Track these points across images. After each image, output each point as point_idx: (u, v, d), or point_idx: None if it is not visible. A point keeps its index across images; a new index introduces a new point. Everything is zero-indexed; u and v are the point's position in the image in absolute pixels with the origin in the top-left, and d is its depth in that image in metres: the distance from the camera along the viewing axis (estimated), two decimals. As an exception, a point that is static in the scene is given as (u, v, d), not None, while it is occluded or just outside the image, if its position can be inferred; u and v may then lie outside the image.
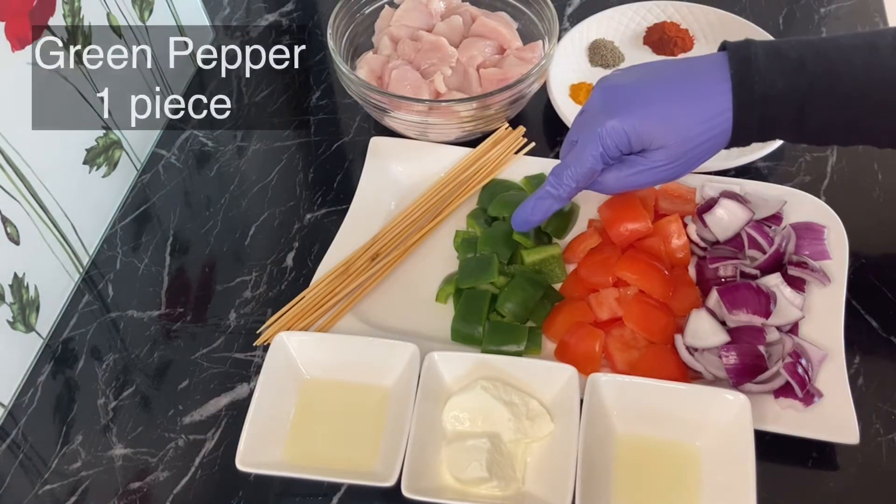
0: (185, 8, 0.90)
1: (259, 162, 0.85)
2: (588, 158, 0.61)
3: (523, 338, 0.66)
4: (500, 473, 0.58)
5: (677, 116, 0.59)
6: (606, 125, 0.60)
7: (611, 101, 0.61)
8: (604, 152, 0.61)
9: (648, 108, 0.60)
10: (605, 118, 0.60)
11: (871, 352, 0.66)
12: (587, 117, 0.63)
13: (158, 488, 0.62)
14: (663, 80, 0.61)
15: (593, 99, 0.63)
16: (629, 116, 0.59)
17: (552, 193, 0.65)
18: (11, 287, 0.66)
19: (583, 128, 0.63)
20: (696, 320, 0.64)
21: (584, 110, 0.64)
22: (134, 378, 0.69)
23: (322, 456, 0.61)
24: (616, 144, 0.60)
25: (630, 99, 0.60)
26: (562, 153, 0.66)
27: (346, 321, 0.69)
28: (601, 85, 0.63)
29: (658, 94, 0.60)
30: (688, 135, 0.59)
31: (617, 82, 0.62)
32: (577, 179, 0.63)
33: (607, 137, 0.60)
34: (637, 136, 0.60)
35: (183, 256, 0.77)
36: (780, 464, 0.60)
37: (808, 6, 0.96)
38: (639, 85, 0.61)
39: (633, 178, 0.62)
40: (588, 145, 0.61)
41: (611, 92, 0.62)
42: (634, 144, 0.60)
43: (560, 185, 0.64)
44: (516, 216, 0.68)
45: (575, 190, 0.64)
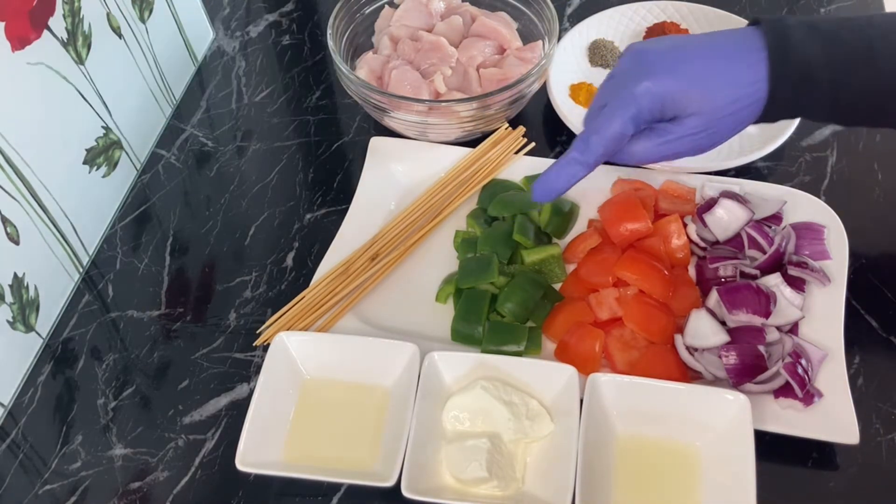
0: (185, 8, 0.90)
1: (259, 162, 0.85)
2: (618, 121, 0.59)
3: (523, 338, 0.66)
4: (500, 473, 0.58)
5: (713, 82, 0.58)
6: (640, 86, 0.58)
7: (644, 64, 0.59)
8: (636, 115, 0.59)
9: (684, 72, 0.58)
10: (638, 80, 0.58)
11: (871, 352, 0.66)
12: (617, 81, 0.61)
13: (158, 488, 0.62)
14: (698, 48, 0.59)
15: (623, 63, 0.61)
16: (664, 79, 0.58)
17: (578, 159, 0.61)
18: (11, 287, 0.66)
19: (613, 91, 0.61)
20: (696, 320, 0.64)
21: (612, 75, 0.62)
22: (134, 378, 0.69)
23: (322, 456, 0.61)
24: (649, 107, 0.58)
25: (665, 62, 0.59)
26: (587, 119, 0.64)
27: (346, 321, 0.69)
28: (632, 50, 0.62)
29: (694, 60, 0.59)
30: (722, 102, 0.58)
31: (650, 47, 0.61)
32: (606, 144, 0.60)
33: (641, 98, 0.58)
34: (671, 99, 0.58)
35: (183, 256, 0.77)
36: (780, 464, 0.60)
37: (808, 6, 0.96)
38: (673, 50, 0.60)
39: (662, 147, 0.60)
40: (619, 108, 0.59)
41: (643, 56, 0.60)
42: (667, 109, 0.59)
43: (587, 149, 0.61)
44: (538, 186, 0.64)
45: (602, 156, 0.61)
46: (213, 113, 0.90)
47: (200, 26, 0.95)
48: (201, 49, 0.95)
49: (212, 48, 0.96)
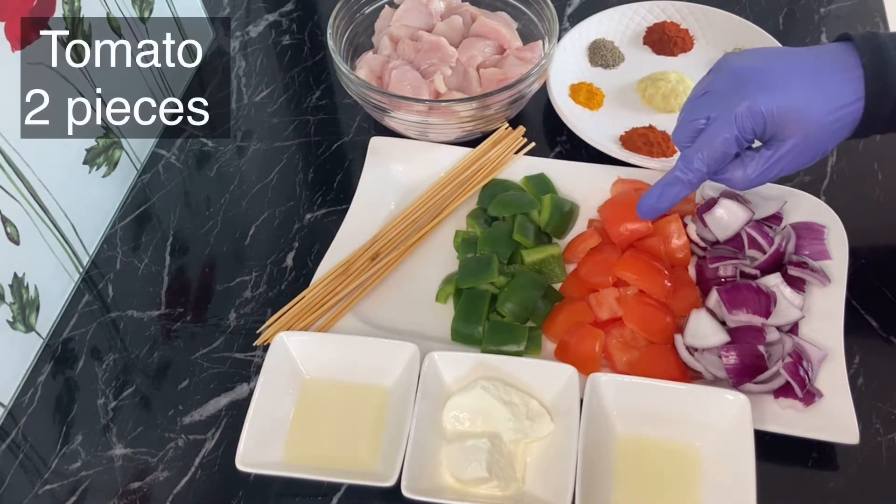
0: (185, 8, 0.90)
1: (259, 162, 0.85)
2: (721, 141, 0.59)
3: (523, 338, 0.66)
4: (500, 473, 0.58)
5: (813, 102, 0.58)
6: (743, 106, 0.58)
7: (744, 83, 0.59)
8: (739, 135, 0.59)
9: (785, 93, 0.58)
10: (740, 99, 0.58)
11: (871, 352, 0.66)
12: (714, 98, 0.61)
13: (158, 488, 0.62)
14: (796, 66, 0.59)
15: (720, 80, 0.61)
16: (767, 99, 0.58)
17: (681, 179, 0.62)
18: (11, 287, 0.66)
19: (711, 109, 0.60)
20: (696, 320, 0.64)
21: (707, 91, 0.62)
22: (134, 378, 0.69)
23: (322, 456, 0.61)
24: (752, 127, 0.58)
25: (765, 82, 0.58)
26: (678, 136, 0.64)
27: (346, 321, 0.69)
28: (728, 66, 0.61)
29: (793, 79, 0.58)
30: (822, 122, 0.58)
31: (746, 64, 0.60)
32: (709, 163, 0.61)
33: (744, 119, 0.58)
34: (773, 120, 0.58)
35: (183, 256, 0.77)
36: (780, 464, 0.60)
37: (808, 6, 0.96)
38: (772, 69, 0.59)
39: (764, 172, 0.61)
40: (722, 127, 0.59)
41: (741, 73, 0.60)
42: (768, 129, 0.59)
43: (690, 169, 0.61)
44: (642, 203, 0.65)
45: (705, 175, 0.62)
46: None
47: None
48: (201, 49, 0.95)
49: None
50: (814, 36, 0.92)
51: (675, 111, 0.83)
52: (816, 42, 0.91)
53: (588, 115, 0.84)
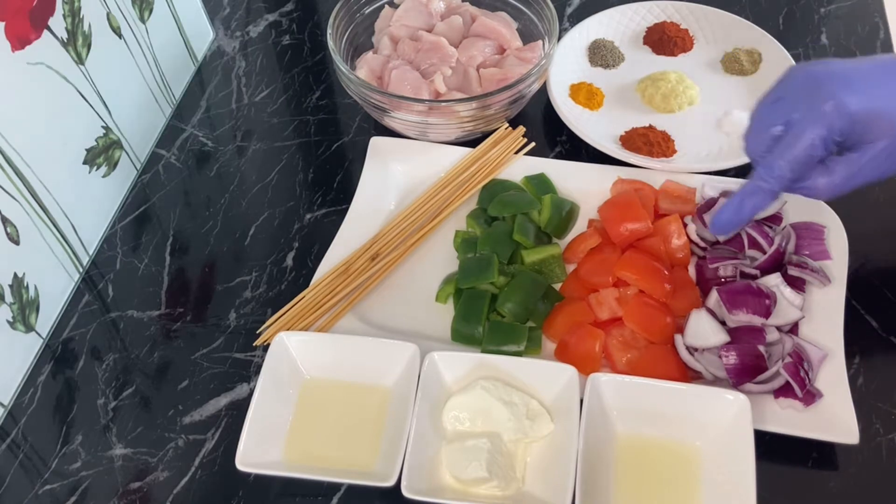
0: (185, 8, 0.90)
1: (259, 162, 0.85)
2: (806, 144, 0.56)
3: (523, 338, 0.66)
4: (500, 473, 0.58)
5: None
6: (829, 105, 0.55)
7: (825, 83, 0.56)
8: (826, 135, 0.55)
9: (873, 91, 0.55)
10: (825, 99, 0.55)
11: (871, 352, 0.66)
12: (792, 102, 0.58)
13: (158, 488, 0.62)
14: (879, 67, 0.57)
15: (794, 85, 0.58)
16: (854, 97, 0.55)
17: (763, 187, 0.58)
18: (11, 287, 0.66)
19: (790, 112, 0.57)
20: (696, 320, 0.64)
21: (781, 96, 0.59)
22: (134, 378, 0.69)
23: (322, 456, 0.61)
24: (840, 127, 0.55)
25: (849, 81, 0.55)
26: (752, 146, 0.61)
27: (346, 321, 0.69)
28: (802, 71, 0.58)
29: (880, 78, 0.56)
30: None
31: (822, 68, 0.58)
32: (793, 168, 0.57)
33: (832, 118, 0.55)
34: (861, 120, 0.55)
35: (183, 256, 0.77)
36: (780, 464, 0.60)
37: (808, 6, 0.96)
38: (853, 70, 0.57)
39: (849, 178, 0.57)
40: (806, 129, 0.56)
41: (819, 75, 0.57)
42: (855, 131, 0.56)
43: (772, 176, 0.58)
44: (718, 217, 0.61)
45: (789, 182, 0.58)
46: (213, 113, 0.90)
47: (200, 26, 0.95)
48: (201, 49, 0.95)
49: (212, 48, 0.96)
50: (814, 36, 0.92)
51: (674, 111, 0.83)
52: (816, 42, 0.91)
53: (588, 115, 0.84)
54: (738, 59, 0.86)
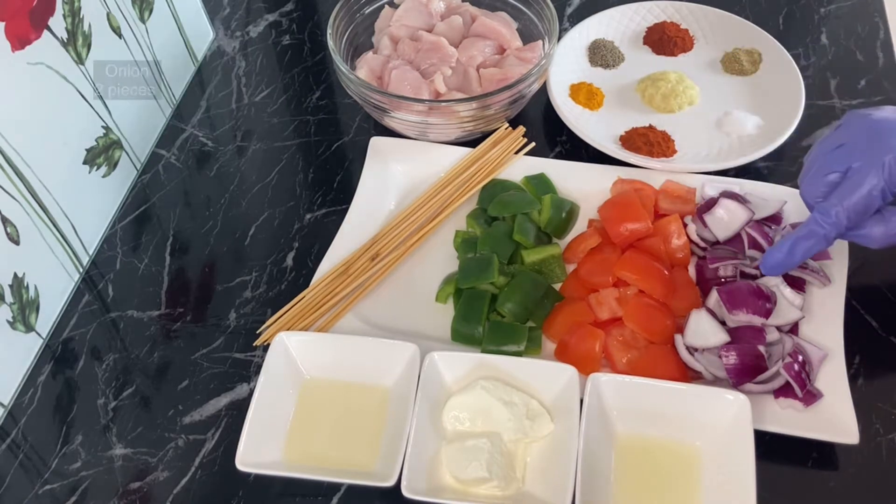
0: (185, 8, 0.90)
1: (259, 162, 0.85)
2: (864, 193, 0.57)
3: (523, 338, 0.66)
4: (500, 473, 0.58)
5: None
6: (892, 155, 0.55)
7: (889, 133, 0.57)
8: (885, 187, 0.56)
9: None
10: (888, 149, 0.56)
11: (871, 352, 0.66)
12: (852, 150, 0.58)
13: (158, 488, 0.62)
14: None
15: (856, 133, 0.59)
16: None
17: (818, 232, 0.59)
18: (11, 287, 0.66)
19: (850, 160, 0.58)
20: (696, 320, 0.64)
21: (842, 144, 0.59)
22: (134, 378, 0.69)
23: (322, 456, 0.61)
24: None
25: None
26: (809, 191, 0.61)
27: (346, 321, 0.69)
28: (864, 120, 0.59)
29: None
30: None
31: (884, 117, 0.58)
32: (850, 216, 0.58)
33: (893, 170, 0.56)
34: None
35: (183, 256, 0.77)
36: (780, 464, 0.60)
37: (808, 6, 0.96)
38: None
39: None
40: (866, 179, 0.56)
41: (883, 125, 0.58)
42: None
43: (828, 222, 0.58)
44: (769, 258, 0.62)
45: (844, 228, 0.59)
46: (213, 113, 0.90)
47: (200, 26, 0.95)
48: (201, 49, 0.95)
49: (212, 48, 0.96)
50: (813, 36, 0.92)
51: (674, 111, 0.83)
52: (816, 42, 0.91)
53: (588, 115, 0.84)
54: (738, 59, 0.86)
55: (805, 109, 0.79)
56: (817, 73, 0.88)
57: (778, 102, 0.81)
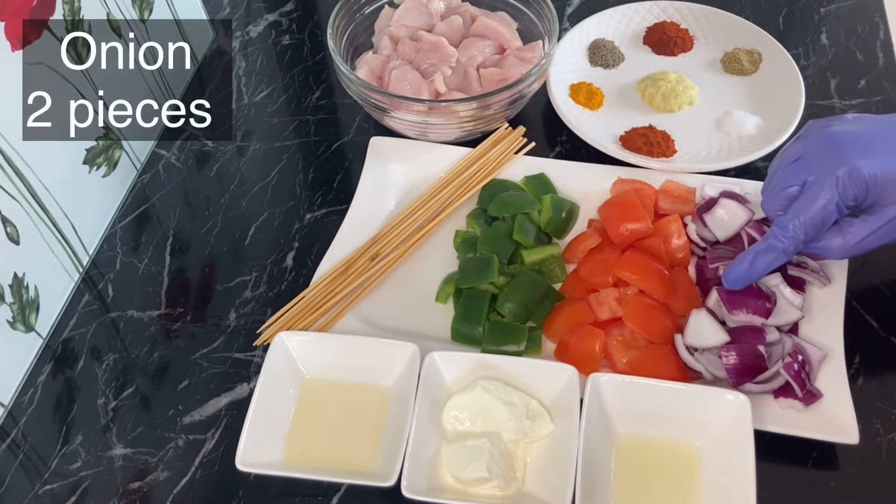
0: (185, 8, 0.90)
1: (259, 162, 0.85)
2: (820, 207, 0.56)
3: (523, 338, 0.66)
4: (500, 473, 0.58)
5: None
6: (843, 170, 0.55)
7: (842, 146, 0.56)
8: (839, 201, 0.56)
9: (886, 158, 0.55)
10: (840, 163, 0.55)
11: (871, 352, 0.66)
12: (809, 163, 0.58)
13: (158, 488, 0.62)
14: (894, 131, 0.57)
15: (813, 144, 0.58)
16: (870, 162, 0.55)
17: (776, 246, 0.59)
18: (11, 287, 0.66)
19: (807, 174, 0.58)
20: (696, 320, 0.64)
21: (801, 157, 0.59)
22: (134, 378, 0.69)
23: (322, 456, 0.61)
24: (854, 193, 0.56)
25: (866, 145, 0.56)
26: (769, 204, 0.61)
27: (346, 321, 0.69)
28: (821, 131, 0.59)
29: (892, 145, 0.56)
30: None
31: (842, 128, 0.58)
32: (807, 230, 0.58)
33: (846, 183, 0.55)
34: (876, 185, 0.55)
35: (183, 256, 0.77)
36: (780, 464, 0.60)
37: (808, 6, 0.96)
38: (869, 134, 0.57)
39: (865, 241, 0.58)
40: (821, 192, 0.56)
41: (838, 137, 0.57)
42: (870, 195, 0.56)
43: (786, 236, 0.59)
44: (731, 272, 0.62)
45: (802, 242, 0.59)
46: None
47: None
48: (201, 49, 0.95)
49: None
50: (813, 36, 0.92)
51: (674, 111, 0.83)
52: (816, 42, 0.91)
53: (588, 115, 0.84)
54: (738, 59, 0.86)
55: (805, 109, 0.79)
56: (817, 73, 0.88)
57: (778, 102, 0.81)
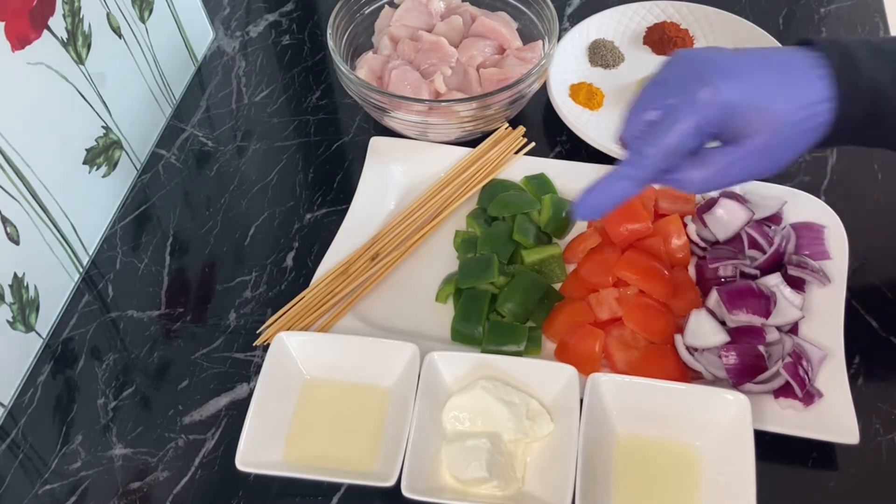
0: (185, 8, 0.90)
1: (259, 162, 0.85)
2: (678, 131, 0.52)
3: (523, 338, 0.66)
4: (500, 473, 0.58)
5: (782, 96, 0.52)
6: (705, 92, 0.51)
7: (705, 71, 0.53)
8: (698, 125, 0.52)
9: (751, 83, 0.52)
10: (702, 85, 0.52)
11: (871, 352, 0.66)
12: (671, 87, 0.54)
13: (158, 488, 0.62)
14: (760, 59, 0.53)
15: (676, 69, 0.55)
16: (732, 87, 0.52)
17: (630, 174, 0.54)
18: (11, 287, 0.66)
19: (667, 97, 0.54)
20: (696, 320, 0.64)
21: (661, 81, 0.55)
22: (134, 378, 0.69)
23: (322, 456, 0.61)
24: (714, 117, 0.52)
25: (729, 69, 0.52)
26: (627, 131, 0.56)
27: (346, 321, 0.69)
28: (684, 56, 0.55)
29: (760, 70, 0.53)
30: (791, 118, 0.52)
31: (705, 54, 0.55)
32: (663, 157, 0.53)
33: (706, 106, 0.51)
34: (737, 111, 0.52)
35: (183, 256, 0.77)
36: (780, 464, 0.60)
37: (808, 6, 0.96)
38: (734, 59, 0.53)
39: (722, 172, 0.53)
40: (680, 115, 0.52)
41: (702, 61, 0.54)
42: (732, 123, 0.52)
43: (641, 163, 0.53)
44: (581, 203, 0.56)
45: (657, 172, 0.54)
46: (213, 113, 0.90)
47: (200, 26, 0.95)
48: (201, 49, 0.95)
49: (212, 48, 0.96)
50: (814, 36, 0.92)
51: (675, 111, 0.83)
52: (816, 42, 0.91)
53: (588, 115, 0.84)
54: (738, 59, 0.86)
55: (805, 109, 0.79)
56: (817, 73, 0.88)
57: (778, 102, 0.81)
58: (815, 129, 0.53)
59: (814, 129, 0.53)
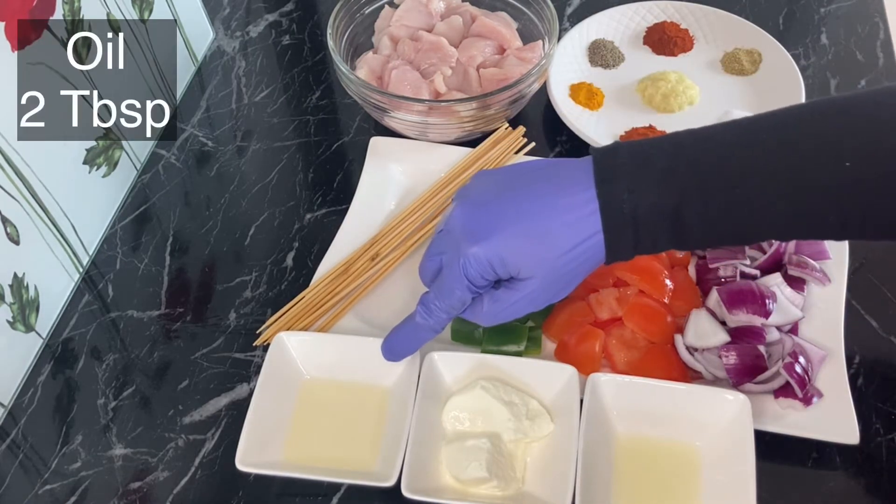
0: (185, 8, 0.90)
1: (259, 162, 0.85)
2: (455, 290, 0.56)
3: (523, 338, 0.66)
4: (500, 473, 0.58)
5: (543, 246, 0.53)
6: (468, 254, 0.54)
7: (472, 224, 0.55)
8: (469, 284, 0.55)
9: (512, 236, 0.53)
10: (466, 245, 0.54)
11: (871, 352, 0.66)
12: (449, 238, 0.56)
13: (158, 488, 0.62)
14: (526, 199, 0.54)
15: (455, 216, 0.56)
16: (491, 244, 0.53)
17: (423, 325, 0.59)
18: (11, 287, 0.66)
19: (445, 249, 0.57)
20: (696, 320, 0.64)
21: (444, 231, 0.58)
22: (134, 378, 0.69)
23: (322, 456, 0.61)
24: (481, 274, 0.54)
25: (491, 223, 0.54)
26: (423, 272, 0.60)
27: (346, 321, 0.69)
28: (462, 201, 0.56)
29: (521, 219, 0.53)
30: (556, 263, 0.53)
31: (477, 199, 0.56)
32: (448, 311, 0.57)
33: (470, 268, 0.54)
34: (503, 264, 0.54)
35: (183, 256, 0.77)
36: (780, 464, 0.60)
37: (808, 6, 0.96)
38: (500, 206, 0.54)
39: (509, 309, 0.56)
40: (452, 275, 0.55)
41: (471, 213, 0.55)
42: (501, 273, 0.55)
43: (430, 315, 0.58)
44: (387, 344, 0.62)
45: (446, 320, 0.58)
46: (213, 113, 0.90)
47: (200, 26, 0.95)
48: (201, 49, 0.95)
49: (212, 48, 0.96)
50: (813, 36, 0.92)
51: (674, 111, 0.83)
52: (816, 42, 0.91)
53: (588, 115, 0.84)
54: (738, 59, 0.86)
55: (805, 109, 0.79)
56: (817, 73, 0.88)
57: (778, 102, 0.80)
58: (590, 259, 0.54)
59: (589, 259, 0.54)
